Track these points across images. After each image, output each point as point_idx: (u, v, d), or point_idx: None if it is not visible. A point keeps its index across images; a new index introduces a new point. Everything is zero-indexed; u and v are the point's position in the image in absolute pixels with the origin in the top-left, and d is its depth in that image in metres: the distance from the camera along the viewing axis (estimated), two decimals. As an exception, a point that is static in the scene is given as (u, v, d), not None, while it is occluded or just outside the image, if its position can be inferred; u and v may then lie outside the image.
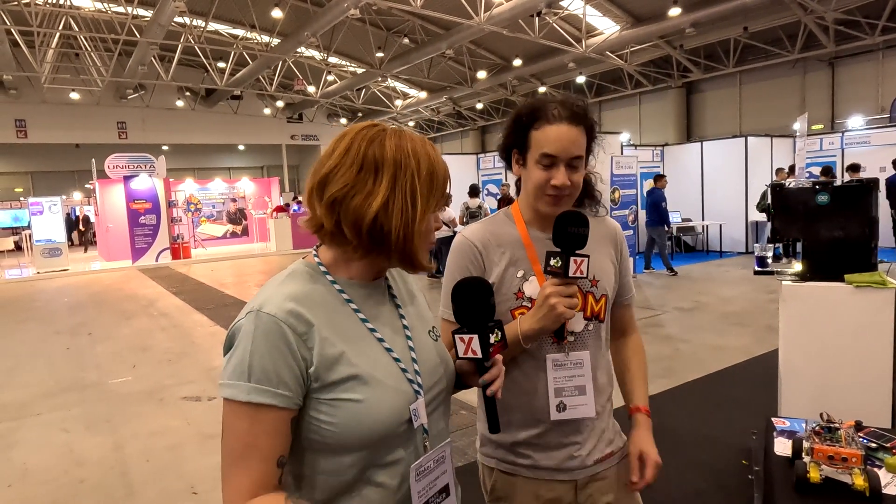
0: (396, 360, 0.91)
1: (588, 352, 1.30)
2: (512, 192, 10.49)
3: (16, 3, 14.79)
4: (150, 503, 3.11)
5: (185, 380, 5.25)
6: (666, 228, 9.77)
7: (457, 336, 0.95)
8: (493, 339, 0.95)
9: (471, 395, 1.14)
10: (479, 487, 1.45)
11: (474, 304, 0.97)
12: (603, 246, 1.37)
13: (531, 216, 1.33)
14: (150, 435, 4.03)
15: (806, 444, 1.51)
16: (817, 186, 2.54)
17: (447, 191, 0.93)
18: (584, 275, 1.16)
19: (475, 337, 0.94)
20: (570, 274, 1.15)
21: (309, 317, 0.84)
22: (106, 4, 17.21)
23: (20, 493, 3.30)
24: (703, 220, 12.01)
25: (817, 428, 1.49)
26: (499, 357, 0.98)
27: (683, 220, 11.75)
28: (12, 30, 15.50)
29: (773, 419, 1.87)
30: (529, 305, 1.26)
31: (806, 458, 1.46)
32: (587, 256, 1.17)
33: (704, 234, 12.40)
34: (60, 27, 16.69)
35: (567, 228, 1.16)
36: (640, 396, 1.43)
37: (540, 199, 1.27)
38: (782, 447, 1.65)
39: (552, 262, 1.16)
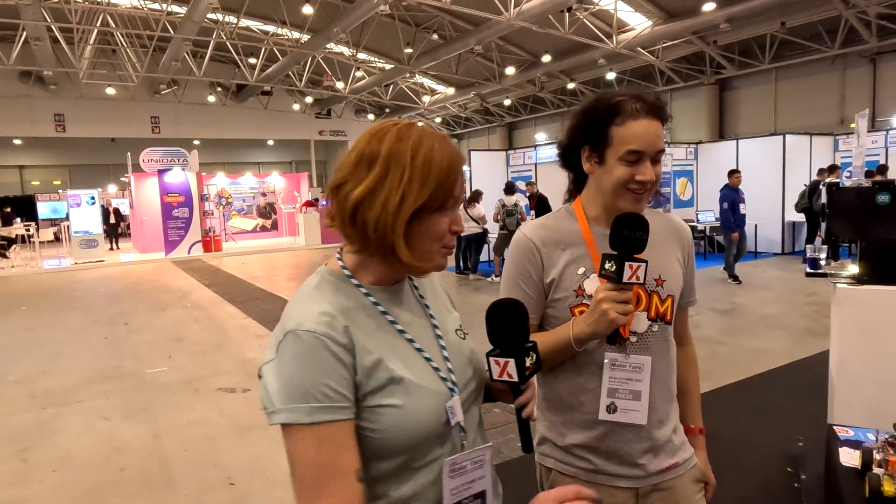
0: (428, 359, 0.91)
1: (650, 357, 1.25)
2: (540, 187, 10.40)
3: (56, 0, 15.17)
4: (189, 492, 3.15)
5: (219, 371, 5.32)
6: (734, 232, 8.64)
7: (491, 359, 0.93)
8: (528, 362, 0.93)
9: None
10: (520, 485, 1.42)
11: (510, 326, 0.94)
12: (670, 244, 1.33)
13: (598, 212, 1.30)
14: (187, 425, 4.10)
15: (878, 456, 1.44)
16: (877, 186, 2.44)
17: (454, 190, 0.89)
18: (641, 280, 1.12)
19: (511, 361, 0.92)
20: (625, 280, 1.11)
21: (347, 326, 0.84)
22: (142, 1, 17.56)
23: (65, 478, 3.38)
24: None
25: (891, 439, 1.42)
26: (533, 380, 0.96)
27: (717, 219, 11.51)
28: (52, 27, 15.89)
29: (833, 427, 1.80)
30: (590, 303, 1.23)
31: (878, 471, 1.40)
32: (645, 262, 1.12)
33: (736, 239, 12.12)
34: (98, 24, 17.08)
35: (623, 232, 1.12)
36: (695, 416, 1.41)
37: (621, 196, 1.23)
38: (848, 457, 1.58)
39: (607, 265, 1.12)
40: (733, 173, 8.78)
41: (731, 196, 8.60)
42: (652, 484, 1.28)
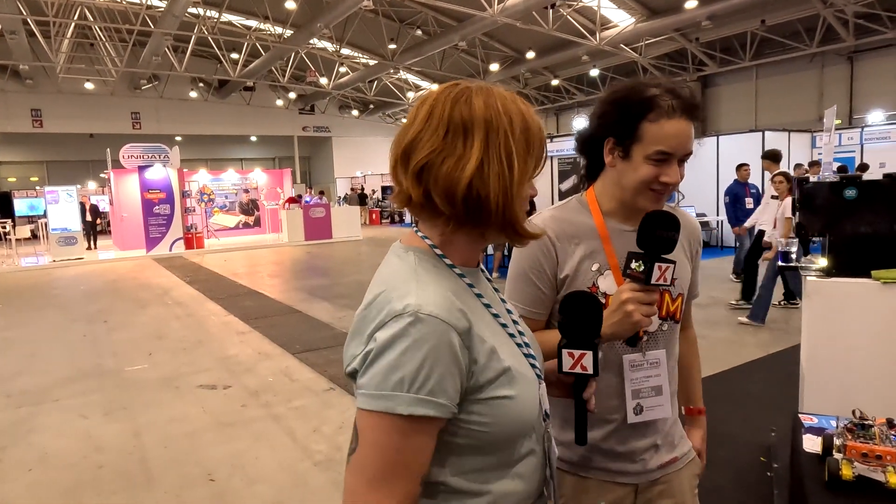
0: (519, 345, 0.87)
1: (664, 350, 1.24)
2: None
3: (32, -8, 14.91)
4: (169, 489, 3.14)
5: (200, 368, 5.29)
6: (740, 228, 8.18)
7: (565, 351, 0.90)
8: (600, 355, 0.92)
9: None
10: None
11: (589, 319, 0.91)
12: (680, 243, 1.27)
13: (615, 207, 1.24)
14: (168, 422, 4.07)
15: (837, 442, 1.49)
16: (844, 181, 2.50)
17: (545, 152, 0.84)
18: (668, 282, 1.05)
19: (589, 353, 0.89)
20: (653, 281, 1.04)
21: (466, 312, 0.77)
22: (121, -5, 17.30)
23: (41, 478, 3.34)
24: (717, 215, 11.90)
25: (850, 425, 1.46)
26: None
27: (698, 214, 11.66)
28: (28, 20, 15.60)
29: (800, 415, 1.85)
30: (604, 301, 1.19)
31: (837, 456, 1.44)
32: (673, 263, 1.05)
33: (719, 229, 12.30)
34: (75, 17, 16.80)
35: (655, 231, 1.05)
36: (697, 397, 1.43)
37: (642, 195, 1.17)
38: (811, 444, 1.63)
39: (633, 265, 1.05)
40: (741, 167, 8.38)
41: (735, 190, 8.28)
42: (651, 479, 1.27)
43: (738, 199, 8.24)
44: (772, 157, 7.18)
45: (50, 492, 3.18)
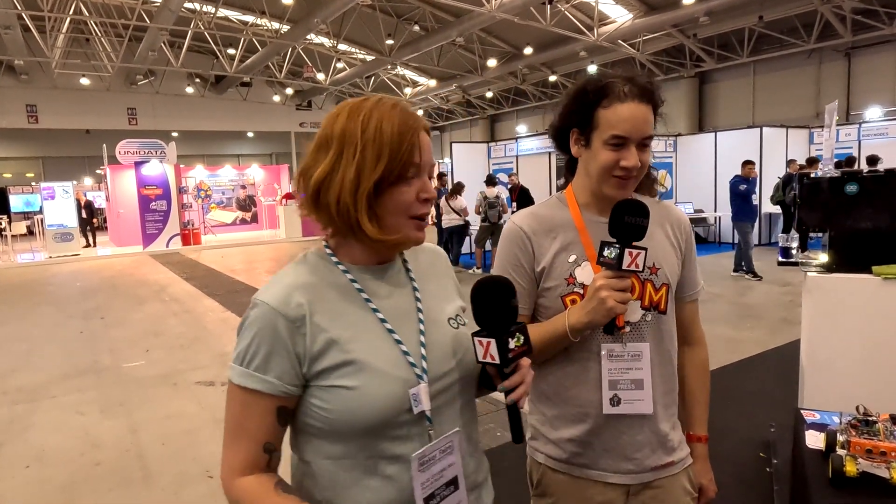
0: (398, 342, 0.89)
1: (647, 344, 1.21)
2: (519, 179, 10.43)
3: (27, -13, 14.79)
4: (166, 486, 3.13)
5: (198, 365, 5.27)
6: (749, 225, 8.33)
7: (476, 339, 0.89)
8: (513, 343, 0.88)
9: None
10: (513, 479, 1.43)
11: (493, 305, 0.90)
12: (666, 233, 1.29)
13: (588, 199, 1.26)
14: (165, 419, 4.05)
15: (841, 438, 1.48)
16: (846, 176, 2.49)
17: (412, 157, 0.87)
18: (640, 268, 1.09)
19: (493, 341, 0.87)
20: (624, 267, 1.08)
21: (304, 305, 0.86)
22: (116, -11, 17.18)
23: (38, 475, 3.32)
24: (715, 211, 11.91)
25: (853, 421, 1.46)
26: (524, 362, 0.91)
27: (695, 210, 11.67)
28: (23, 14, 15.48)
29: (801, 411, 1.84)
30: (582, 292, 1.21)
31: (841, 452, 1.43)
32: (644, 249, 1.09)
33: (717, 225, 12.31)
34: (71, 12, 16.68)
35: (624, 218, 1.08)
36: (700, 423, 1.35)
37: (606, 182, 1.19)
38: (814, 440, 1.62)
39: (606, 252, 1.09)
40: (746, 164, 8.41)
41: (745, 187, 8.25)
42: (644, 482, 1.24)
43: (746, 196, 8.22)
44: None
45: (47, 489, 3.17)
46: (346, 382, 0.85)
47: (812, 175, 2.67)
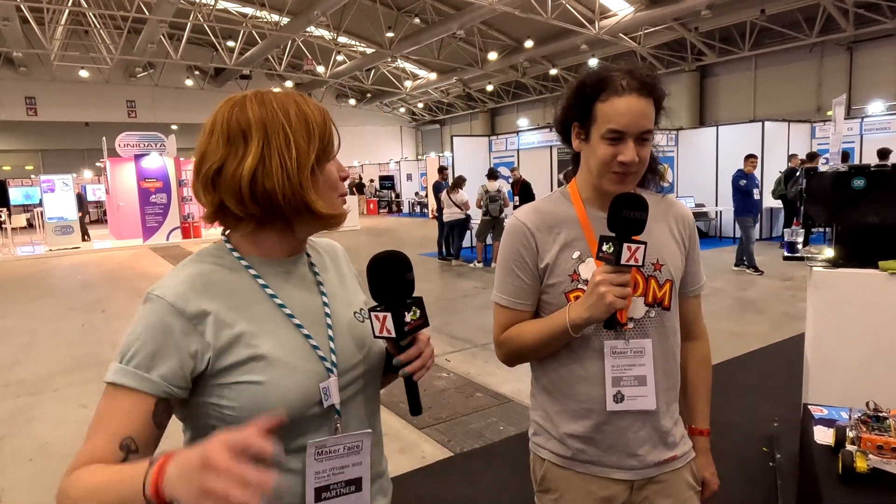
0: (307, 336, 0.88)
1: (650, 340, 1.21)
2: (522, 173, 10.40)
3: (25, -22, 14.70)
4: (170, 480, 3.13)
5: (199, 358, 5.27)
6: (751, 219, 8.26)
7: (372, 314, 0.90)
8: (409, 317, 0.90)
9: (490, 379, 1.09)
10: (515, 472, 1.42)
11: (388, 280, 0.91)
12: (669, 228, 1.28)
13: (591, 194, 1.25)
14: (168, 412, 4.05)
15: (850, 434, 1.48)
16: (853, 170, 2.48)
17: (333, 137, 0.89)
18: (640, 263, 1.07)
19: (388, 315, 0.88)
20: (623, 261, 1.06)
21: (202, 300, 0.82)
22: (115, -19, 17.09)
23: (41, 467, 3.33)
24: (716, 205, 11.90)
25: (864, 417, 1.45)
26: (422, 336, 0.92)
27: (697, 205, 11.66)
28: (22, 6, 15.40)
29: (809, 406, 1.83)
30: (585, 288, 1.19)
31: (851, 448, 1.43)
32: (644, 244, 1.07)
33: (718, 219, 12.30)
34: (69, 3, 16.59)
35: (621, 212, 1.07)
36: (701, 417, 1.36)
37: (605, 177, 1.18)
38: (823, 436, 1.61)
39: (604, 247, 1.08)
40: (749, 158, 8.36)
41: (747, 181, 8.19)
42: (647, 476, 1.25)
43: (747, 190, 8.20)
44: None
45: (51, 482, 3.16)
46: (254, 378, 0.82)
47: (816, 168, 2.66)
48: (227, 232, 0.93)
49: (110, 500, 0.70)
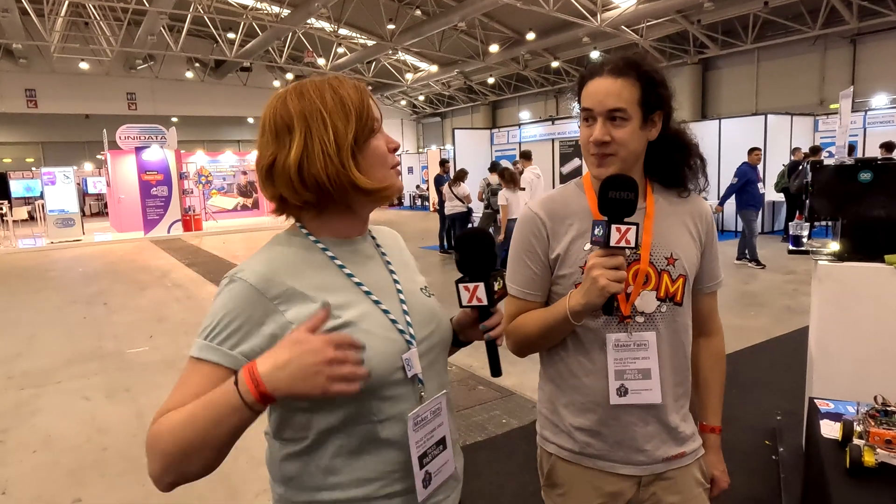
0: (385, 311, 0.92)
1: (654, 333, 1.20)
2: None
3: (24, -31, 14.61)
4: (174, 472, 3.13)
5: (202, 351, 5.27)
6: (754, 213, 8.28)
7: (461, 285, 0.97)
8: (496, 286, 0.98)
9: (488, 372, 1.10)
10: (519, 465, 1.42)
11: (478, 253, 0.98)
12: (685, 223, 1.27)
13: (596, 182, 1.23)
14: (171, 405, 4.06)
15: (858, 428, 1.47)
16: (859, 164, 2.46)
17: (372, 111, 0.92)
18: (632, 245, 1.04)
19: (481, 285, 0.96)
20: (613, 243, 1.04)
21: (283, 280, 0.87)
22: (115, -28, 16.97)
23: (45, 459, 3.34)
24: (718, 199, 11.86)
25: (872, 411, 1.45)
26: (500, 305, 1.00)
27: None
28: (21, -3, 15.33)
29: (815, 400, 1.83)
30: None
31: (859, 442, 1.42)
32: (635, 224, 1.05)
33: (720, 213, 12.26)
34: (69, -5, 16.50)
35: (608, 194, 1.05)
36: (713, 414, 1.35)
37: (588, 160, 1.21)
38: (829, 430, 1.61)
39: (595, 231, 1.07)
40: (752, 151, 8.36)
41: (748, 174, 8.17)
42: (655, 473, 1.24)
43: (750, 182, 8.18)
44: (525, 156, 8.86)
45: (55, 473, 3.18)
46: None
47: (822, 162, 2.64)
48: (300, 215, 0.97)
49: (204, 421, 0.76)
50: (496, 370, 1.02)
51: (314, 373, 0.72)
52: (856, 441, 1.44)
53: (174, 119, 24.75)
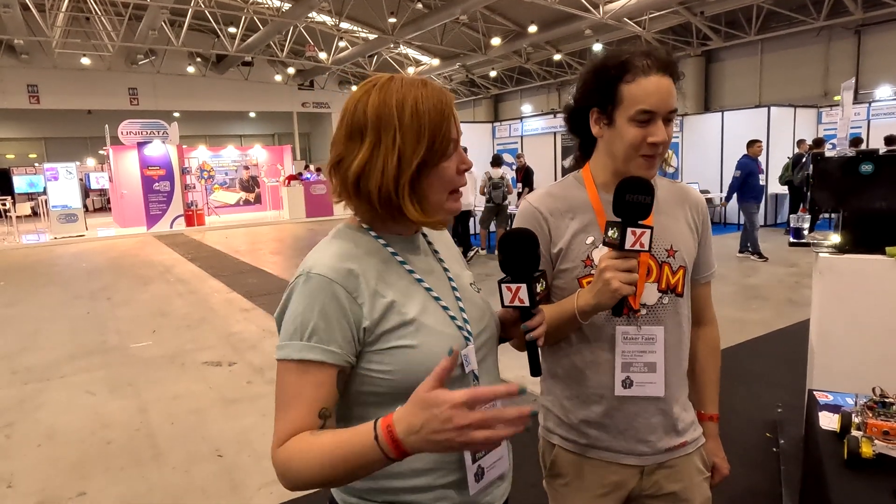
0: (445, 308, 0.93)
1: (662, 327, 1.20)
2: (526, 159, 10.35)
3: (25, -36, 14.59)
4: (177, 464, 3.15)
5: (205, 345, 5.30)
6: (755, 205, 8.20)
7: (503, 285, 0.97)
8: (538, 287, 0.97)
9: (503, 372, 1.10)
10: (521, 457, 1.42)
11: (522, 254, 0.98)
12: (682, 214, 1.27)
13: (607, 179, 1.22)
14: (174, 399, 4.08)
15: (856, 420, 1.47)
16: (861, 156, 2.46)
17: (451, 133, 0.89)
18: (646, 248, 1.05)
19: (523, 286, 0.96)
20: (628, 247, 1.04)
21: (357, 272, 0.87)
22: (115, -34, 16.94)
23: (49, 453, 3.36)
24: (721, 191, 11.82)
25: (870, 403, 1.45)
26: (541, 307, 1.00)
27: (701, 191, 11.58)
28: (22, -8, 15.32)
29: (814, 392, 1.83)
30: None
31: (856, 433, 1.43)
32: (650, 228, 1.05)
33: (724, 207, 12.23)
34: (70, -10, 16.48)
35: (625, 197, 1.05)
36: (710, 403, 1.37)
37: (633, 160, 1.15)
38: (828, 421, 1.61)
39: (609, 232, 1.07)
40: (753, 143, 8.31)
41: (750, 166, 8.13)
42: (658, 462, 1.25)
43: (752, 174, 8.14)
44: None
45: (59, 467, 3.20)
46: (408, 342, 0.87)
47: (824, 154, 2.64)
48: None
49: (354, 467, 0.78)
50: (536, 370, 1.02)
51: (445, 439, 0.73)
52: (854, 432, 1.44)
53: (176, 114, 24.69)
